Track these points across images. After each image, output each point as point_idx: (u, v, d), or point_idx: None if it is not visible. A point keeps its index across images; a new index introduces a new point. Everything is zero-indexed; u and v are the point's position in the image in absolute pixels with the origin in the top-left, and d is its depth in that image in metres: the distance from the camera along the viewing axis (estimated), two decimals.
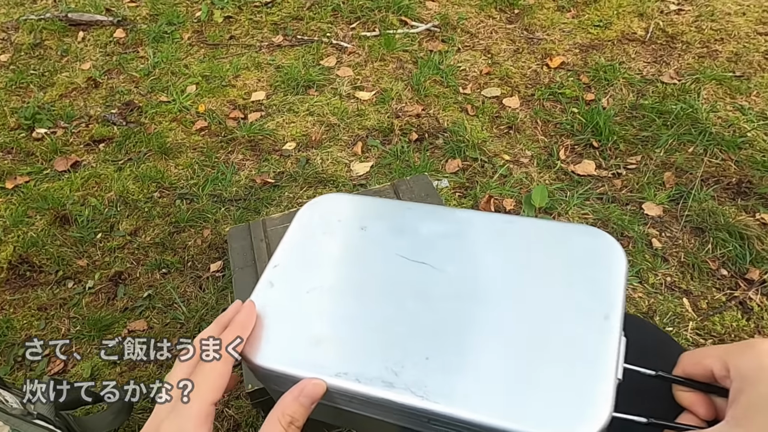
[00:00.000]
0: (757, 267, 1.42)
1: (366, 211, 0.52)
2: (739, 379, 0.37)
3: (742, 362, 0.37)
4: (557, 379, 0.37)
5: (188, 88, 2.11)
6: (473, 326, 0.40)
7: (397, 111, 1.94)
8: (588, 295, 0.41)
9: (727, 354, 0.39)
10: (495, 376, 0.38)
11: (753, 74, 1.92)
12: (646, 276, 1.43)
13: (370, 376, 0.39)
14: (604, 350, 0.38)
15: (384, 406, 0.39)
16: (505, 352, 0.39)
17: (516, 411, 0.36)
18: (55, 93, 2.14)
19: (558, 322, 0.40)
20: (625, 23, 2.20)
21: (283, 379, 0.42)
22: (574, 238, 0.45)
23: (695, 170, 1.64)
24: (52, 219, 1.67)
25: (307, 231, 0.51)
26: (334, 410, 0.43)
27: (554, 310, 0.41)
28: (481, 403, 0.36)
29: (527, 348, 0.39)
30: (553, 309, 0.41)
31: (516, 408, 0.36)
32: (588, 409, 0.35)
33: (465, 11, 2.34)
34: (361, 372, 0.39)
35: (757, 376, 0.36)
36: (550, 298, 0.42)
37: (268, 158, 1.82)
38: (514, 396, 0.36)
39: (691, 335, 1.32)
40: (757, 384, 0.36)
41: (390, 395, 0.38)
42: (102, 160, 1.87)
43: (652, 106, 1.84)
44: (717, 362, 0.39)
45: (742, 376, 0.37)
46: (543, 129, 1.85)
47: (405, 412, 0.38)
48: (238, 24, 2.41)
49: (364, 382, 0.39)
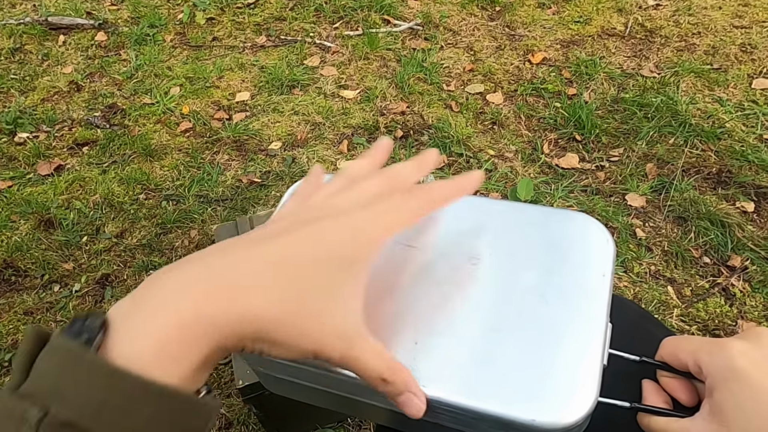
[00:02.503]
0: (738, 254, 1.44)
1: None
2: (711, 378, 0.39)
3: (713, 363, 0.39)
4: (545, 364, 0.37)
5: (172, 90, 2.10)
6: (461, 311, 0.40)
7: (381, 109, 1.95)
8: (576, 281, 0.41)
9: (699, 352, 0.40)
10: (483, 361, 0.38)
11: (730, 66, 1.95)
12: (631, 265, 1.45)
13: None
14: (591, 336, 0.38)
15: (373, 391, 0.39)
16: (493, 337, 0.39)
17: (502, 395, 0.36)
18: (37, 97, 2.12)
19: (545, 306, 0.40)
20: (605, 19, 2.23)
21: (273, 363, 0.42)
22: (562, 223, 0.45)
23: (676, 161, 1.67)
24: (36, 223, 1.65)
25: None
26: (330, 395, 0.43)
27: (542, 296, 0.41)
28: (470, 387, 0.36)
29: (514, 333, 0.39)
30: (540, 294, 0.41)
31: (502, 392, 0.36)
32: (574, 393, 0.36)
33: (447, 9, 2.36)
34: None
35: (727, 376, 0.38)
36: (538, 284, 0.42)
37: (254, 158, 1.82)
38: (502, 380, 0.37)
39: (677, 322, 1.34)
40: (727, 383, 0.37)
41: None
42: (86, 163, 1.85)
43: (632, 100, 1.87)
44: (690, 359, 0.41)
45: (713, 375, 0.39)
46: (526, 124, 1.87)
47: None
48: (221, 25, 2.40)
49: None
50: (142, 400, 0.26)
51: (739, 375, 0.37)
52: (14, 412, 0.25)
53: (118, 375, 0.26)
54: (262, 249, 0.32)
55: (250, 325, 0.30)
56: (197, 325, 0.28)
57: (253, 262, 0.31)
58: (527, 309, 0.40)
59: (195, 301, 0.29)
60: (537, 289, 0.41)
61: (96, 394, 0.26)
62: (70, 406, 0.25)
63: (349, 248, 0.33)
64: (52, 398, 0.25)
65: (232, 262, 0.31)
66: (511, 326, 0.39)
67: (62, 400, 0.25)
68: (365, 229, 0.34)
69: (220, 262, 0.31)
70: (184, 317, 0.28)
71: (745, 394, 0.36)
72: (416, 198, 0.37)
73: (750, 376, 0.37)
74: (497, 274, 0.43)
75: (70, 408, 0.25)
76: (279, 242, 0.33)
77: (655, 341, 0.46)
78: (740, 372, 0.37)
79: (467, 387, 0.36)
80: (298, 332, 0.31)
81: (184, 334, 0.28)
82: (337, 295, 0.32)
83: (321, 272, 0.32)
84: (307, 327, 0.31)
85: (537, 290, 0.41)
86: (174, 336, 0.28)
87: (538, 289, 0.41)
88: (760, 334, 0.40)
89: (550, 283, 0.41)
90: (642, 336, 0.50)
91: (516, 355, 0.38)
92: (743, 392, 0.37)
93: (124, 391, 0.26)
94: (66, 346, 0.27)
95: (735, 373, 0.37)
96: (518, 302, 0.41)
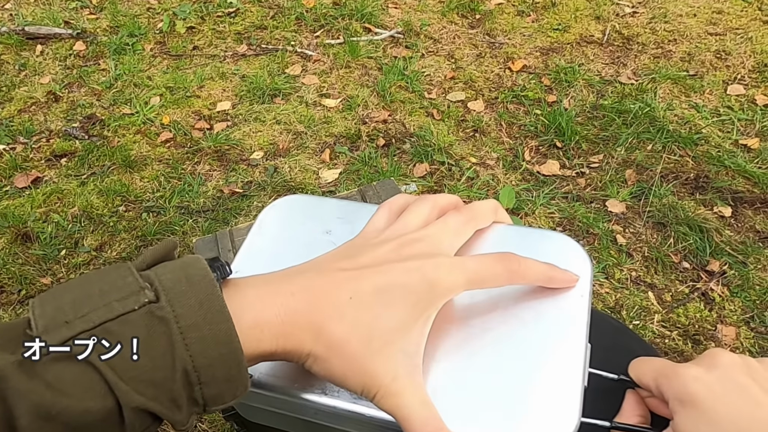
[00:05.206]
0: (717, 259, 1.46)
1: (330, 213, 0.50)
2: (671, 402, 0.40)
3: (671, 388, 0.40)
4: (525, 388, 0.37)
5: (152, 100, 2.08)
6: (437, 338, 0.39)
7: (363, 117, 1.95)
8: (554, 302, 0.41)
9: (659, 377, 0.41)
10: (460, 387, 0.37)
11: (705, 73, 1.99)
12: (612, 271, 1.46)
13: (338, 390, 0.38)
14: (571, 358, 0.38)
15: (354, 419, 0.38)
16: (470, 362, 0.38)
17: (483, 421, 0.35)
18: (14, 108, 2.09)
19: (523, 330, 0.39)
20: (583, 26, 2.26)
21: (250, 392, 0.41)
22: (538, 244, 0.45)
23: (655, 167, 1.69)
24: (13, 237, 1.62)
25: (268, 235, 0.49)
26: (310, 424, 0.42)
27: (520, 319, 0.40)
28: (450, 416, 0.35)
29: (492, 357, 0.38)
30: (518, 318, 0.40)
31: (482, 418, 0.35)
32: (557, 417, 0.35)
33: (427, 17, 2.37)
34: (328, 385, 0.39)
35: (683, 401, 0.39)
36: (516, 307, 0.41)
37: (235, 168, 1.81)
38: (480, 406, 0.36)
39: (658, 328, 1.36)
40: (684, 408, 0.38)
41: (358, 408, 0.37)
42: (64, 175, 1.83)
43: (611, 106, 1.89)
44: (652, 383, 0.42)
45: (671, 400, 0.40)
46: (508, 131, 1.88)
47: (374, 424, 0.38)
48: (202, 34, 2.39)
49: (330, 395, 0.38)
50: (223, 345, 0.29)
51: (693, 400, 0.38)
52: (131, 285, 0.29)
53: (222, 315, 0.29)
54: (364, 278, 0.34)
55: (321, 344, 0.32)
56: (286, 324, 0.32)
57: (349, 288, 0.34)
58: (505, 333, 0.39)
59: (295, 308, 0.32)
60: (514, 313, 0.41)
61: (196, 316, 0.29)
62: (174, 308, 0.29)
63: (429, 292, 0.35)
64: (165, 293, 0.29)
65: (330, 281, 0.34)
66: (489, 352, 0.39)
67: (171, 301, 0.29)
68: (450, 275, 0.35)
69: (321, 280, 0.35)
70: (282, 317, 0.32)
71: (701, 420, 0.37)
72: (504, 266, 0.38)
73: (704, 401, 0.37)
74: (472, 298, 0.42)
75: (173, 309, 0.28)
76: (380, 270, 0.35)
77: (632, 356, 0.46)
78: (694, 397, 0.38)
79: (448, 415, 0.36)
80: (356, 364, 0.33)
81: (278, 325, 0.32)
82: (406, 336, 0.34)
83: (395, 310, 0.34)
84: (365, 361, 0.33)
85: (514, 314, 0.40)
86: (272, 320, 0.32)
87: (515, 313, 0.40)
88: (713, 356, 0.40)
89: (528, 307, 0.41)
90: (619, 351, 0.51)
91: (494, 380, 0.37)
92: (699, 417, 0.37)
93: (216, 328, 0.29)
94: (202, 268, 0.30)
95: (690, 398, 0.38)
96: (496, 327, 0.40)
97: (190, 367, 0.28)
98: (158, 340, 0.28)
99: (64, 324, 0.27)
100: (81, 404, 0.27)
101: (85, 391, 0.27)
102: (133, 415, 0.28)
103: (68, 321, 0.28)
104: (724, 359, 0.40)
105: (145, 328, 0.28)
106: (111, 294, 0.29)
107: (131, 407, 0.27)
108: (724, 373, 0.39)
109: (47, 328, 0.27)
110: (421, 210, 0.40)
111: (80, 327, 0.27)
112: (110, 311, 0.28)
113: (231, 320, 0.29)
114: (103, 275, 0.30)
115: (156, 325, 0.28)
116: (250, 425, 1.06)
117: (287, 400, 0.39)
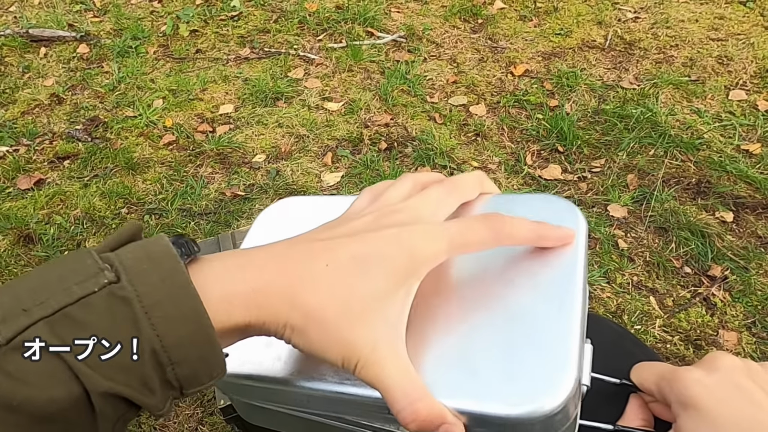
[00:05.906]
0: (719, 264, 1.46)
1: (329, 214, 0.50)
2: (673, 405, 0.40)
3: (672, 391, 0.40)
4: (519, 352, 0.34)
5: (155, 103, 2.08)
6: (424, 304, 0.38)
7: (366, 121, 1.96)
8: (547, 262, 0.39)
9: (661, 381, 0.42)
10: (452, 357, 0.35)
11: (707, 78, 1.99)
12: (614, 276, 1.46)
13: (325, 372, 0.37)
14: (567, 317, 0.35)
15: (346, 401, 0.37)
16: (461, 330, 0.36)
17: (476, 386, 0.33)
18: (17, 110, 2.10)
19: (516, 291, 0.37)
20: (585, 31, 2.26)
21: (249, 389, 0.41)
22: (528, 206, 0.42)
23: (657, 172, 1.69)
24: (15, 239, 1.63)
25: (265, 237, 0.48)
26: (307, 422, 0.42)
27: (512, 281, 0.38)
28: (437, 384, 0.34)
29: (483, 324, 0.36)
30: (511, 279, 0.38)
31: (477, 382, 0.33)
32: (553, 377, 0.33)
33: (430, 22, 2.38)
34: (315, 369, 0.38)
35: (685, 404, 0.39)
36: (507, 268, 0.39)
37: (237, 171, 1.82)
38: (474, 373, 0.34)
39: (659, 333, 1.35)
40: (686, 411, 0.39)
41: (348, 389, 0.36)
42: (67, 177, 1.83)
43: (613, 111, 1.89)
44: (654, 387, 0.42)
45: (673, 403, 0.40)
46: (509, 135, 1.88)
47: (365, 404, 0.37)
48: (205, 37, 2.40)
49: (319, 378, 0.37)
50: (191, 321, 0.28)
51: (694, 403, 0.38)
52: (90, 268, 0.28)
53: (186, 291, 0.28)
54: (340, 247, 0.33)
55: (297, 313, 0.31)
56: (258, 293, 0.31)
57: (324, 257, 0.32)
58: (497, 298, 0.38)
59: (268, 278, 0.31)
60: (506, 275, 0.39)
61: (159, 293, 0.28)
62: (136, 287, 0.27)
63: (409, 260, 0.33)
64: (126, 273, 0.28)
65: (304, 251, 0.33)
66: (480, 318, 0.37)
67: (132, 280, 0.28)
68: (429, 241, 0.33)
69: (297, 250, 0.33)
70: (252, 286, 0.31)
71: (703, 422, 0.37)
72: (488, 227, 0.35)
73: (705, 404, 0.38)
74: (461, 264, 0.40)
75: (135, 288, 0.27)
76: (357, 239, 0.33)
77: (633, 360, 0.46)
78: (696, 400, 0.38)
79: (438, 386, 0.34)
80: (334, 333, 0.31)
81: (249, 294, 0.31)
82: (387, 305, 0.32)
83: (373, 278, 0.32)
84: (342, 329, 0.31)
85: (506, 277, 0.38)
86: (241, 291, 0.30)
87: (507, 276, 0.39)
88: (715, 359, 0.40)
89: (521, 268, 0.39)
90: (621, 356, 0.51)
91: (489, 347, 0.35)
92: (701, 420, 0.38)
93: (181, 303, 0.28)
94: (164, 245, 0.29)
95: (691, 402, 0.38)
96: (487, 291, 0.38)
97: (158, 346, 0.27)
98: (122, 321, 0.27)
99: (23, 312, 0.27)
100: (44, 393, 0.26)
101: (47, 378, 0.26)
102: (103, 402, 0.27)
103: (26, 309, 0.27)
104: (726, 362, 0.40)
105: (107, 310, 0.27)
106: (70, 278, 0.27)
107: (99, 393, 0.27)
108: (725, 375, 0.39)
109: (5, 317, 0.26)
110: (403, 186, 0.38)
111: (39, 314, 0.26)
112: (69, 295, 0.27)
113: (197, 295, 0.28)
114: (63, 262, 0.29)
115: (118, 305, 0.27)
116: (251, 428, 1.06)
117: (278, 390, 0.38)
